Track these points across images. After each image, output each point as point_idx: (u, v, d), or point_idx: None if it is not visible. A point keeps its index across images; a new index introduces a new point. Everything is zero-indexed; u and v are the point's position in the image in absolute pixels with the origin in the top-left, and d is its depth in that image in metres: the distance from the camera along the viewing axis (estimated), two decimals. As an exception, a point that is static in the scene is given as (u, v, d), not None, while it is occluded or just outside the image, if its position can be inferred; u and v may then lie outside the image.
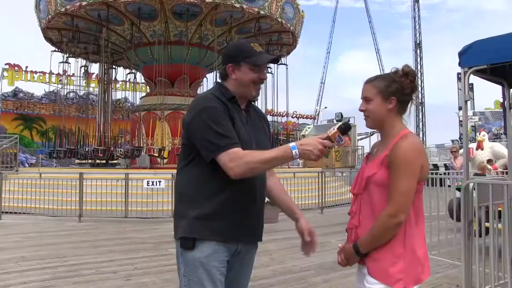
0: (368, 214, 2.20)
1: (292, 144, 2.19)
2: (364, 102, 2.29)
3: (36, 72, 35.21)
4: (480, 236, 4.79)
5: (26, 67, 35.19)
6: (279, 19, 19.45)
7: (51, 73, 33.41)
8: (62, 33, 20.34)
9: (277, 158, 2.18)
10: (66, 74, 23.99)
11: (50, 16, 18.83)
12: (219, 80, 2.53)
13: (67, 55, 21.62)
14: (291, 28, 20.64)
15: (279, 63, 23.28)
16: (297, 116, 44.96)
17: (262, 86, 2.55)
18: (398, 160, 2.10)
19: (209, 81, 24.39)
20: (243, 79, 2.37)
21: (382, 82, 2.24)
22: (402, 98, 2.23)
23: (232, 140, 2.19)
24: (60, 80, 30.17)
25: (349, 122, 2.39)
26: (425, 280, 2.19)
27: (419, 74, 51.44)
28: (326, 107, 51.54)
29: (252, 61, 2.35)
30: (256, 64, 2.36)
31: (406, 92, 2.23)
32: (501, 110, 36.21)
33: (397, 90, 2.21)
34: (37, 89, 38.35)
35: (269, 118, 26.35)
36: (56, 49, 22.09)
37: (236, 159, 2.15)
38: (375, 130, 2.35)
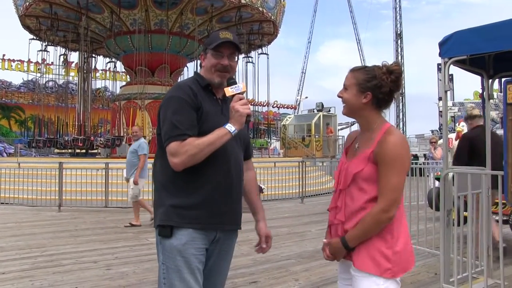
0: (354, 209, 2.19)
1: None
2: (343, 89, 2.29)
3: (13, 61, 34.71)
4: (458, 225, 4.86)
5: (3, 55, 34.68)
6: (260, 8, 19.43)
7: (29, 61, 33.04)
8: (40, 20, 20.02)
9: (213, 139, 2.22)
10: (45, 62, 23.66)
11: (27, 3, 18.51)
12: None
13: (46, 43, 21.34)
14: (272, 17, 20.63)
15: (260, 53, 23.37)
16: (278, 106, 45.12)
17: (243, 75, 2.55)
18: (388, 156, 2.10)
19: (190, 70, 24.30)
20: (207, 65, 2.43)
21: (363, 74, 2.23)
22: (378, 95, 2.21)
23: (180, 131, 2.21)
24: (38, 69, 29.77)
25: (233, 78, 2.46)
26: (411, 269, 2.22)
27: (399, 65, 51.82)
28: (307, 97, 51.78)
29: (211, 46, 2.40)
30: (211, 47, 2.40)
31: (384, 90, 2.20)
32: (480, 100, 36.68)
33: (375, 86, 2.19)
34: (15, 77, 37.84)
35: (250, 107, 26.39)
36: (34, 37, 21.76)
37: (177, 150, 2.19)
38: (353, 119, 2.36)
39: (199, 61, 2.64)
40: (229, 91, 2.32)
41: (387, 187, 2.09)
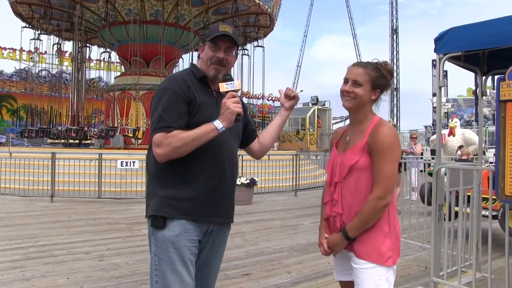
0: (352, 200, 2.27)
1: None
2: (352, 85, 2.31)
3: (5, 49, 34.38)
4: (449, 220, 4.89)
5: (-6, 42, 34.30)
6: (257, 1, 19.36)
7: (21, 50, 32.73)
8: (33, 8, 19.75)
9: (199, 134, 2.20)
10: (38, 51, 23.47)
11: (18, -11, 18.29)
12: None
13: (39, 31, 21.10)
14: (269, 10, 20.54)
15: (256, 45, 23.31)
16: (273, 99, 44.99)
17: (238, 67, 2.55)
18: (382, 145, 2.20)
19: (185, 61, 24.22)
20: (204, 57, 2.43)
21: (374, 72, 2.31)
22: (384, 92, 2.37)
23: (166, 123, 2.21)
24: (31, 58, 29.48)
25: (229, 74, 2.46)
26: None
27: (395, 60, 51.91)
28: (302, 91, 51.34)
29: (209, 38, 2.40)
30: (207, 39, 2.40)
31: (387, 88, 2.37)
32: (473, 97, 36.90)
33: (384, 84, 2.34)
34: (7, 66, 37.47)
35: (245, 100, 26.45)
36: (27, 25, 21.50)
37: (161, 141, 2.19)
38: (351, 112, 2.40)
39: (195, 53, 2.64)
40: (223, 86, 2.30)
41: (381, 175, 2.19)
